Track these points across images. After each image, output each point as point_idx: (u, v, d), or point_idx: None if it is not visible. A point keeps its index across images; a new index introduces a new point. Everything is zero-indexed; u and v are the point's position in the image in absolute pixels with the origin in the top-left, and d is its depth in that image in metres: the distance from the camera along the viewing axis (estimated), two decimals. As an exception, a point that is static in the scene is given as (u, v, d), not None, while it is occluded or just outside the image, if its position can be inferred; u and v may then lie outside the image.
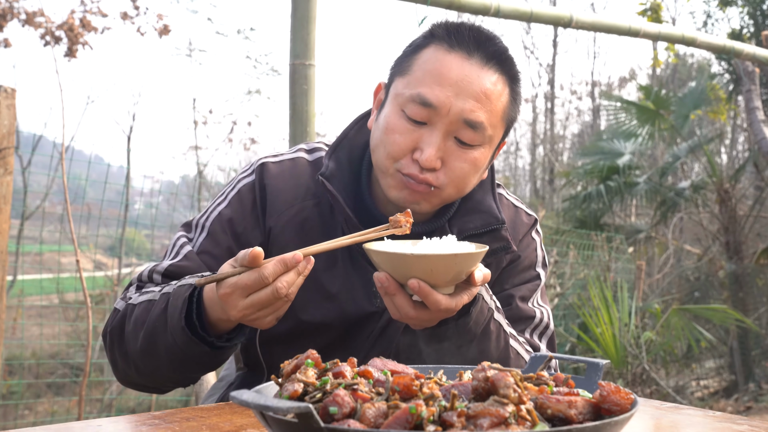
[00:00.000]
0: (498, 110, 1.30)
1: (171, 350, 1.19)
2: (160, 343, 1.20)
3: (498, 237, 1.38)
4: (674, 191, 8.52)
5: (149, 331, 1.22)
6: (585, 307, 5.68)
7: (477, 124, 1.26)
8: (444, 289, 1.10)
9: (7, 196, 2.43)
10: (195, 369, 1.25)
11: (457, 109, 1.25)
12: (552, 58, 18.70)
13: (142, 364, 1.27)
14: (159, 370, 1.27)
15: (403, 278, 1.08)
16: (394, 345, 1.39)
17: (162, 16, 9.09)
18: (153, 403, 6.28)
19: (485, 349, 1.27)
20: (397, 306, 1.13)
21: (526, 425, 0.69)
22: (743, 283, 7.85)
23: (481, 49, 1.29)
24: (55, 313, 7.65)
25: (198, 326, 1.16)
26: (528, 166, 19.68)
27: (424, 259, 1.04)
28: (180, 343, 1.17)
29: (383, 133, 1.30)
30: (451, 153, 1.28)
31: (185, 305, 1.16)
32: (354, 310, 1.37)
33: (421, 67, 1.29)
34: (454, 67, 1.27)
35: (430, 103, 1.25)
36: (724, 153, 14.00)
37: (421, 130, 1.27)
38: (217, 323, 1.18)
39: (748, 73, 6.08)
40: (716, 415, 1.10)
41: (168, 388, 1.36)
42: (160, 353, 1.21)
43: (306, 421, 0.65)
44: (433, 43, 1.31)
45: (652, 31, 3.33)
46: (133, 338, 1.25)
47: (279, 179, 1.40)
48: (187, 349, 1.17)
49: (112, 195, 6.18)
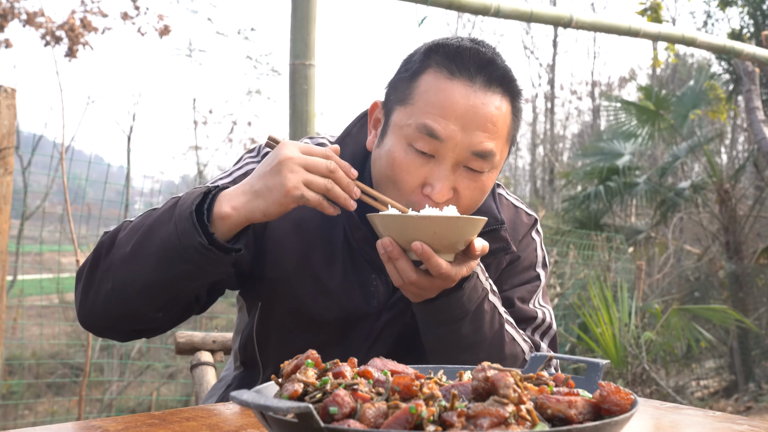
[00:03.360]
0: (504, 133, 1.29)
1: (166, 242, 1.15)
2: (157, 236, 1.17)
3: (497, 237, 1.38)
4: (674, 191, 8.52)
5: (149, 226, 1.19)
6: (585, 307, 5.69)
7: (487, 153, 1.25)
8: (445, 255, 1.15)
9: (7, 196, 2.43)
10: (180, 274, 1.18)
11: (466, 143, 1.23)
12: (552, 58, 18.71)
13: (120, 274, 1.20)
14: (137, 281, 1.19)
15: (406, 242, 1.13)
16: (392, 345, 1.39)
17: (162, 16, 9.09)
18: (153, 403, 6.28)
19: (479, 328, 1.27)
20: (399, 271, 1.15)
21: (526, 425, 0.69)
22: (743, 283, 7.85)
23: (483, 72, 1.26)
24: (55, 313, 7.65)
25: (206, 216, 1.15)
26: (528, 166, 19.69)
27: (427, 221, 1.10)
28: (180, 230, 1.14)
29: (390, 170, 1.27)
30: (462, 181, 1.27)
31: (200, 197, 1.16)
32: (351, 307, 1.37)
33: (422, 98, 1.25)
34: (458, 98, 1.23)
35: (438, 135, 1.23)
36: (724, 153, 14.00)
37: (430, 164, 1.25)
38: (222, 220, 1.15)
39: (748, 73, 6.08)
40: (716, 415, 1.10)
41: (128, 323, 1.27)
42: (152, 249, 1.17)
43: (306, 421, 0.65)
44: (432, 68, 1.27)
45: (652, 31, 3.33)
46: (125, 242, 1.21)
47: None
48: (184, 239, 1.14)
49: (112, 195, 6.18)
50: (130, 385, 7.51)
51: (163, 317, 1.27)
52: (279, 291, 1.38)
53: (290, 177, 1.12)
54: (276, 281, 1.37)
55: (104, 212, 5.77)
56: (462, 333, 1.26)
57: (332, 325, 1.37)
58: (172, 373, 7.72)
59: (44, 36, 8.23)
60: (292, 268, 1.36)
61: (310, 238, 1.37)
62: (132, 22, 9.06)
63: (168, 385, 7.66)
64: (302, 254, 1.36)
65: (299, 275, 1.36)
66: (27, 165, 9.06)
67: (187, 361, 3.51)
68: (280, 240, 1.36)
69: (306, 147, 1.17)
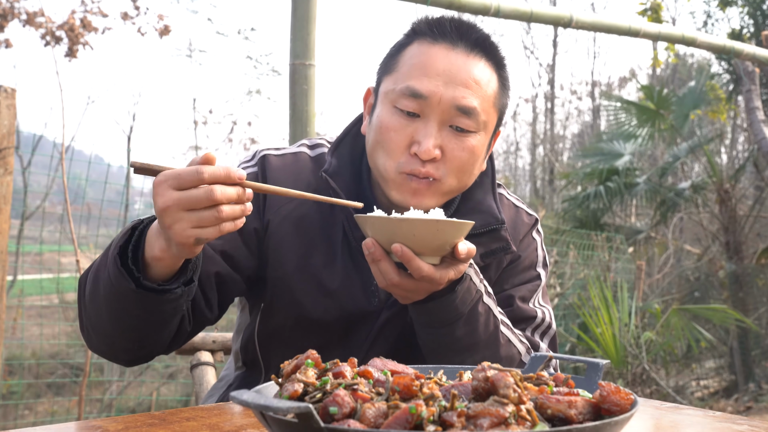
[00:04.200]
0: (489, 96, 1.31)
1: (107, 287, 1.11)
2: (100, 282, 1.13)
3: (497, 237, 1.38)
4: (674, 191, 8.52)
5: (95, 270, 1.17)
6: (585, 307, 5.69)
7: (470, 109, 1.28)
8: (428, 258, 1.14)
9: (7, 196, 2.43)
10: (132, 321, 1.14)
11: (449, 97, 1.26)
12: (552, 58, 18.71)
13: (90, 312, 1.20)
14: (102, 322, 1.18)
15: (388, 243, 1.13)
16: (392, 344, 1.39)
17: (162, 16, 9.10)
18: (153, 403, 6.28)
19: (473, 330, 1.27)
20: (382, 272, 1.15)
21: (526, 425, 0.69)
22: (743, 283, 7.85)
23: (464, 38, 1.31)
24: (55, 313, 7.65)
25: (130, 258, 1.09)
26: (528, 166, 19.68)
27: (406, 223, 1.09)
28: (112, 276, 1.09)
29: (378, 133, 1.30)
30: (449, 142, 1.28)
31: (125, 236, 1.11)
32: (352, 307, 1.37)
33: (407, 63, 1.30)
34: (440, 58, 1.28)
35: (421, 93, 1.26)
36: (724, 153, 13.99)
37: (416, 123, 1.28)
38: (157, 261, 1.08)
39: (748, 73, 6.08)
40: (716, 415, 1.10)
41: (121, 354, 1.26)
42: (100, 295, 1.14)
43: (306, 421, 0.65)
44: (417, 40, 1.32)
45: (652, 31, 3.33)
46: (90, 288, 1.19)
47: (280, 173, 1.39)
48: (118, 286, 1.09)
49: (112, 195, 6.18)
50: (130, 385, 7.51)
51: (153, 347, 1.26)
52: (281, 292, 1.38)
53: (176, 228, 1.01)
54: (278, 282, 1.37)
55: (104, 212, 5.76)
56: (456, 335, 1.26)
57: (334, 325, 1.37)
58: (172, 373, 7.72)
59: (44, 36, 8.24)
60: (292, 269, 1.36)
61: (311, 238, 1.37)
62: (132, 22, 9.07)
63: (168, 385, 7.66)
64: (303, 255, 1.36)
65: (300, 276, 1.36)
66: (27, 165, 9.07)
67: (187, 361, 3.52)
68: (281, 240, 1.36)
69: (174, 175, 1.00)
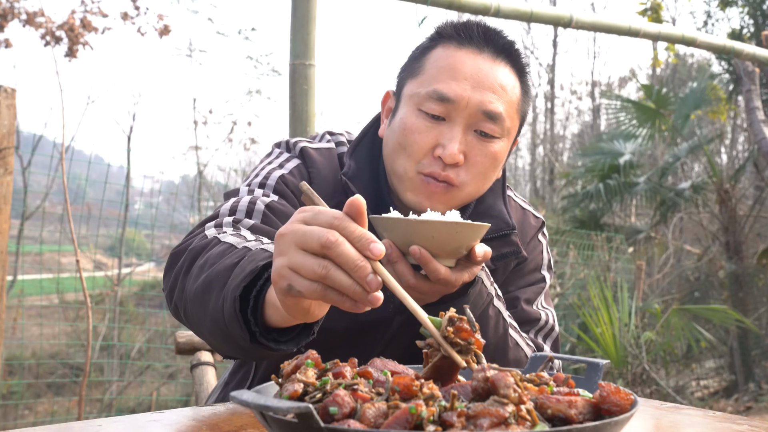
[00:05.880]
0: (514, 102, 1.31)
1: (216, 312, 1.00)
2: (210, 300, 1.02)
3: (508, 242, 1.39)
4: (674, 191, 8.52)
5: (210, 279, 1.04)
6: (585, 307, 5.69)
7: (496, 114, 1.27)
8: (445, 261, 1.13)
9: (7, 196, 2.43)
10: (233, 347, 1.04)
11: (476, 101, 1.26)
12: (552, 58, 18.72)
13: (191, 309, 1.11)
14: (203, 325, 1.08)
15: (405, 245, 1.11)
16: (405, 349, 1.37)
17: (162, 16, 9.09)
18: (153, 403, 6.28)
19: (483, 333, 1.26)
20: (398, 274, 1.13)
21: (526, 425, 0.69)
22: (743, 283, 7.85)
23: (491, 43, 1.31)
24: (55, 313, 7.66)
25: (251, 304, 0.95)
26: (528, 166, 19.66)
27: (426, 225, 1.08)
28: (226, 312, 0.96)
29: (401, 135, 1.28)
30: (473, 147, 1.28)
31: (253, 274, 0.94)
32: (365, 315, 1.35)
33: (433, 66, 1.29)
34: (467, 62, 1.28)
35: (448, 97, 1.25)
36: (724, 153, 14.00)
37: (441, 126, 1.27)
38: (277, 309, 0.93)
39: (748, 73, 6.08)
40: (716, 415, 1.10)
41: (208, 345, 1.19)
42: (207, 309, 1.03)
43: (306, 421, 0.65)
44: (441, 44, 1.32)
45: (652, 31, 3.33)
46: (196, 276, 1.09)
47: (320, 168, 1.37)
48: (231, 326, 0.97)
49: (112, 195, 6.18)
50: (130, 385, 7.51)
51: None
52: None
53: (277, 263, 0.84)
54: None
55: (104, 212, 5.77)
56: None
57: (344, 334, 1.35)
58: (172, 373, 7.73)
59: (44, 36, 8.23)
60: None
61: None
62: (132, 22, 9.06)
63: (168, 385, 7.67)
64: None
65: None
66: (27, 165, 9.08)
67: (187, 361, 3.51)
68: None
69: (314, 210, 0.84)
